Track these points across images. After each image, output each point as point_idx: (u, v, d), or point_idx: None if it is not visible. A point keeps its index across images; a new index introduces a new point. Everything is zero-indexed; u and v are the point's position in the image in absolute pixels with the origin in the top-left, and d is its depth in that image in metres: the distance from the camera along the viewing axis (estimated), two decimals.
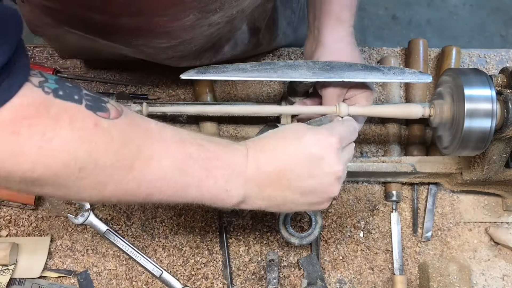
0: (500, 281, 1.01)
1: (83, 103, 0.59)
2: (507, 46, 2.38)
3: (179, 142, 0.66)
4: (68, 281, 1.00)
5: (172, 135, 0.66)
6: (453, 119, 0.82)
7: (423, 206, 1.04)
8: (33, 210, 1.03)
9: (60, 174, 0.58)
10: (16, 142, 0.54)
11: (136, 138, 0.63)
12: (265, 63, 0.84)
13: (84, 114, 0.58)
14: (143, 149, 0.63)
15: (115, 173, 0.61)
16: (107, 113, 0.60)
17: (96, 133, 0.59)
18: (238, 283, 1.00)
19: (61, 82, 0.59)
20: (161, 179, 0.65)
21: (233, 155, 0.69)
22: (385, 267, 1.02)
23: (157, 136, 0.65)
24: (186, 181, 0.66)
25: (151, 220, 1.03)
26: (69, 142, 0.57)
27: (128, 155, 0.61)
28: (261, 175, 0.69)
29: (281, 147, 0.70)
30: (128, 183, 0.63)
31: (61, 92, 0.57)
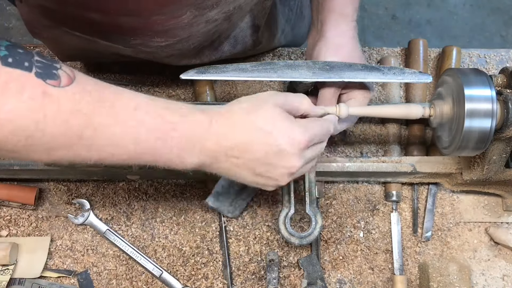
0: (500, 281, 1.01)
1: (33, 71, 0.59)
2: (507, 46, 2.39)
3: (132, 110, 0.65)
4: (68, 281, 1.00)
5: (126, 103, 0.65)
6: (453, 119, 0.82)
7: (423, 206, 1.04)
8: (33, 210, 1.03)
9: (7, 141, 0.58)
10: None
11: (85, 106, 0.62)
12: (265, 63, 0.84)
13: (33, 82, 0.58)
14: (93, 117, 0.62)
15: (64, 141, 0.61)
16: (57, 80, 0.60)
17: (44, 102, 0.59)
18: (238, 283, 1.00)
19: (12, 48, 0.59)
20: (112, 146, 0.65)
21: (192, 126, 0.68)
22: (385, 267, 1.02)
23: (108, 104, 0.64)
24: (139, 149, 0.66)
25: (151, 220, 1.03)
26: (15, 112, 0.57)
27: (77, 124, 0.61)
28: (219, 148, 0.70)
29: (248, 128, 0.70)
30: (78, 149, 0.63)
31: (11, 59, 0.58)
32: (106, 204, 1.04)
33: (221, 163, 0.71)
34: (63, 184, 1.04)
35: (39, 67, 0.59)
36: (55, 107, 0.59)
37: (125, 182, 1.05)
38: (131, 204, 1.04)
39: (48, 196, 1.04)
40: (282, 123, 0.71)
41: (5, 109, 0.56)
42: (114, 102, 0.64)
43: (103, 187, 1.04)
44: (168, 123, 0.66)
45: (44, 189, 1.04)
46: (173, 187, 1.05)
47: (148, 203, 1.04)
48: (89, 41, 0.84)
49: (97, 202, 1.04)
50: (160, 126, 0.66)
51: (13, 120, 0.57)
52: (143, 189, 1.05)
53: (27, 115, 0.58)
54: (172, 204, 1.04)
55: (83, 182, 1.04)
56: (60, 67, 0.62)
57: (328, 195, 1.04)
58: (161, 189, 1.05)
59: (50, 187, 1.04)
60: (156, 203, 1.04)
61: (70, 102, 0.61)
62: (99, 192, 1.04)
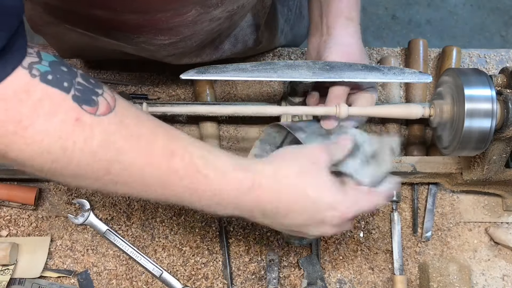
0: (500, 281, 1.01)
1: (70, 93, 0.56)
2: (507, 46, 2.38)
3: (168, 155, 0.62)
4: (68, 281, 1.00)
5: (163, 145, 0.62)
6: (453, 119, 0.82)
7: (423, 206, 1.04)
8: (33, 210, 1.03)
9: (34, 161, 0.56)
10: None
11: (119, 140, 0.59)
12: (265, 63, 0.84)
13: (67, 105, 0.55)
14: (124, 154, 0.59)
15: (91, 171, 0.59)
16: (94, 107, 0.57)
17: (75, 129, 0.56)
18: (238, 283, 1.00)
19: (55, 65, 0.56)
20: (141, 186, 0.62)
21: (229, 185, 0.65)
22: (385, 267, 1.02)
23: (144, 143, 0.61)
24: (166, 193, 0.64)
25: (151, 220, 1.03)
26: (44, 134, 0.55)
27: (106, 157, 0.58)
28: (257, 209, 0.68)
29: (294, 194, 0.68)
30: (105, 182, 0.61)
31: (50, 77, 0.55)
32: (106, 204, 1.04)
33: (256, 219, 0.70)
34: (63, 184, 1.04)
35: (78, 90, 0.56)
36: (86, 136, 0.56)
37: None
38: (131, 204, 1.04)
39: (48, 196, 1.04)
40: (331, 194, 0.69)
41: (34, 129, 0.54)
42: (151, 141, 0.61)
43: None
44: (202, 176, 0.63)
45: (44, 189, 1.04)
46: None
47: (148, 203, 1.04)
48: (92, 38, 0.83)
49: (97, 202, 1.04)
50: (193, 178, 0.63)
51: (41, 141, 0.55)
52: None
53: (55, 139, 0.55)
54: (172, 204, 1.04)
55: None
56: (101, 93, 0.59)
57: None
58: None
59: (50, 187, 1.04)
60: (156, 203, 1.04)
61: (103, 133, 0.57)
62: (99, 192, 1.04)
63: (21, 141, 0.54)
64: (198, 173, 0.63)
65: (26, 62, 0.54)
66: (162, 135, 0.63)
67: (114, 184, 0.61)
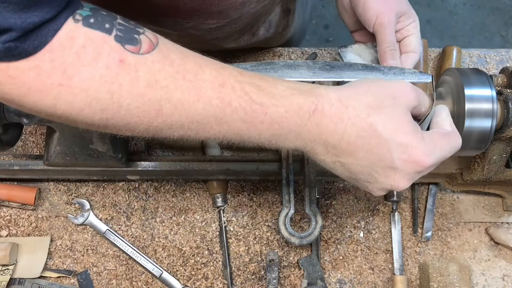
0: (500, 281, 1.01)
1: (112, 33, 0.54)
2: (507, 46, 2.39)
3: (218, 88, 0.57)
4: (68, 281, 1.00)
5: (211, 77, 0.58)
6: (453, 119, 0.82)
7: (423, 206, 1.04)
8: (33, 210, 1.03)
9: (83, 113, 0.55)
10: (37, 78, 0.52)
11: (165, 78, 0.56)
12: (265, 63, 0.84)
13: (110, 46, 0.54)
14: (174, 92, 0.56)
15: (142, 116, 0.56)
16: (137, 46, 0.55)
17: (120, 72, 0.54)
18: (238, 283, 1.00)
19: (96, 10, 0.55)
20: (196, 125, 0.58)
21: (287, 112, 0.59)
22: (385, 267, 1.02)
23: (191, 77, 0.57)
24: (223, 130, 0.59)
25: (151, 220, 1.03)
26: (90, 82, 0.53)
27: (155, 98, 0.55)
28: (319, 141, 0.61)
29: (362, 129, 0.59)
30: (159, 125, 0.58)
31: (92, 20, 0.54)
32: (106, 204, 1.03)
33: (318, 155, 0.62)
34: (63, 184, 1.04)
35: (120, 30, 0.54)
36: (132, 77, 0.54)
37: (125, 182, 1.05)
38: (131, 204, 1.04)
39: (48, 196, 1.04)
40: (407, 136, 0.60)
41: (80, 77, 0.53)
42: (198, 74, 0.57)
43: (103, 187, 1.04)
44: (257, 105, 0.58)
45: (44, 189, 1.04)
46: (173, 187, 1.05)
47: (148, 203, 1.04)
48: None
49: (97, 202, 1.03)
50: (247, 109, 0.58)
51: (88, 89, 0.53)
52: (143, 189, 1.05)
53: (102, 85, 0.53)
54: (172, 204, 1.04)
55: (83, 182, 1.04)
56: (143, 31, 0.56)
57: (328, 195, 1.04)
58: (161, 189, 1.05)
59: (50, 187, 1.04)
60: (156, 203, 1.04)
61: (148, 72, 0.55)
62: (99, 192, 1.04)
63: (68, 92, 0.53)
64: (252, 102, 0.58)
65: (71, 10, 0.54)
66: (209, 67, 0.59)
67: (168, 128, 0.58)
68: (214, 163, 0.98)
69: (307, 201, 0.92)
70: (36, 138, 1.08)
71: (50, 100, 0.54)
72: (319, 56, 1.12)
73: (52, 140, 0.92)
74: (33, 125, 1.07)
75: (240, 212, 1.03)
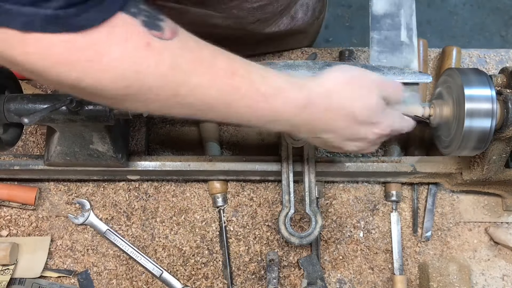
0: (500, 281, 1.01)
1: (139, 18, 0.58)
2: (507, 46, 2.38)
3: (230, 75, 0.64)
4: (68, 281, 1.00)
5: (224, 66, 0.64)
6: (453, 119, 0.82)
7: (423, 206, 1.04)
8: (33, 210, 1.03)
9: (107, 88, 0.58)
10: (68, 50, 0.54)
11: (185, 63, 0.61)
12: (265, 63, 0.84)
13: (138, 30, 0.57)
14: (191, 76, 0.61)
15: (160, 94, 0.61)
16: (161, 32, 0.59)
17: (147, 54, 0.58)
18: (238, 283, 1.00)
19: None
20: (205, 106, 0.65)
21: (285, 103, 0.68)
22: (385, 267, 1.02)
23: (207, 65, 0.63)
24: (229, 113, 0.66)
25: (151, 220, 1.03)
26: (118, 61, 0.56)
27: (175, 80, 0.61)
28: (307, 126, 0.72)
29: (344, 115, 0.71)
30: (172, 104, 0.63)
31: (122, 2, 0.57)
32: (106, 204, 1.04)
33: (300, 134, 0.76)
34: (63, 184, 1.05)
35: (145, 15, 0.58)
36: (156, 59, 0.59)
37: (125, 182, 1.05)
38: (131, 204, 1.04)
39: (48, 196, 1.04)
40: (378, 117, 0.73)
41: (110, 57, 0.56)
42: (213, 62, 0.63)
43: (103, 187, 1.04)
44: (260, 94, 0.66)
45: (44, 189, 1.04)
46: (173, 187, 1.05)
47: (148, 203, 1.04)
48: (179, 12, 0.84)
49: (97, 202, 1.04)
50: (253, 96, 0.66)
51: (116, 68, 0.56)
52: (143, 189, 1.05)
53: (130, 64, 0.57)
54: (172, 204, 1.04)
55: (83, 182, 1.05)
56: (163, 19, 0.60)
57: (328, 195, 1.05)
58: (161, 189, 1.05)
59: (50, 187, 1.04)
60: (156, 203, 1.04)
61: (171, 56, 0.60)
62: (99, 192, 1.04)
63: (97, 68, 0.56)
64: (257, 92, 0.66)
65: None
66: (222, 57, 0.65)
67: (180, 107, 0.64)
68: (214, 163, 0.98)
69: (307, 201, 0.92)
70: (37, 138, 1.08)
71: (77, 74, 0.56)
72: (319, 56, 1.12)
73: (52, 140, 0.92)
74: (33, 125, 1.07)
75: (240, 212, 1.04)
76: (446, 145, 0.85)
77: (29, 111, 0.81)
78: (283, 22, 1.01)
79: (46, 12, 0.52)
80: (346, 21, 2.41)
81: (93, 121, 0.84)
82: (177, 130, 1.09)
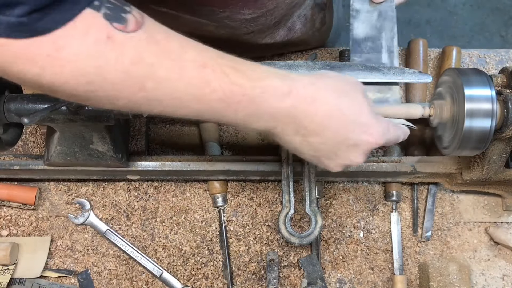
0: (500, 281, 1.01)
1: (101, 11, 0.56)
2: (507, 46, 2.38)
3: (199, 67, 0.61)
4: (68, 281, 1.00)
5: (193, 58, 0.61)
6: (453, 119, 0.82)
7: (423, 206, 1.04)
8: (33, 210, 1.03)
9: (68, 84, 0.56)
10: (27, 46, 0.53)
11: (150, 56, 0.58)
12: (265, 63, 0.84)
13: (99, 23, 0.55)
14: (157, 69, 0.59)
15: (124, 90, 0.59)
16: (124, 24, 0.57)
17: (107, 48, 0.56)
18: (238, 283, 1.00)
19: None
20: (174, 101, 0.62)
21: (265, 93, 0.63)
22: (385, 267, 1.02)
23: (174, 57, 0.60)
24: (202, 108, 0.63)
25: (151, 220, 1.03)
26: (77, 56, 0.55)
27: (139, 74, 0.58)
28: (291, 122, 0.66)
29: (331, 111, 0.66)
30: (139, 100, 0.60)
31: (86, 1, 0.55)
32: (106, 204, 1.04)
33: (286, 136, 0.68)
34: (63, 184, 1.05)
35: (108, 8, 0.56)
36: (117, 53, 0.56)
37: (125, 182, 1.05)
38: (131, 204, 1.04)
39: (48, 196, 1.04)
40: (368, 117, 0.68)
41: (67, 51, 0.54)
42: (181, 55, 0.60)
43: (103, 187, 1.04)
44: (235, 85, 0.62)
45: (44, 189, 1.04)
46: (173, 187, 1.05)
47: (148, 203, 1.04)
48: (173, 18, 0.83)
49: (97, 202, 1.04)
50: (226, 89, 0.61)
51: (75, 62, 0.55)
52: (143, 189, 1.05)
53: (89, 59, 0.55)
54: (172, 204, 1.04)
55: (83, 182, 1.05)
56: (130, 10, 0.58)
57: (328, 195, 1.05)
58: (161, 189, 1.05)
59: (50, 187, 1.04)
60: (156, 203, 1.04)
61: (133, 49, 0.57)
62: (99, 192, 1.04)
63: (56, 63, 0.55)
64: (231, 84, 0.62)
65: None
66: (192, 48, 0.62)
67: (148, 103, 0.61)
68: (214, 163, 0.98)
69: (307, 201, 0.92)
70: (37, 138, 1.08)
71: (37, 70, 0.55)
72: (319, 56, 1.12)
73: (52, 140, 0.92)
74: (33, 125, 1.07)
75: (240, 212, 1.04)
76: (446, 145, 0.85)
77: (29, 111, 0.81)
78: (279, 34, 0.98)
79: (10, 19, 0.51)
80: (346, 21, 2.41)
81: (93, 121, 0.84)
82: (177, 130, 1.09)
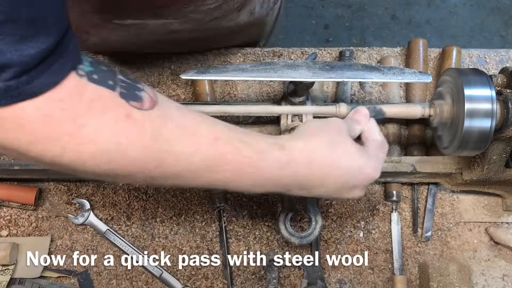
0: (500, 281, 1.01)
1: (116, 90, 0.57)
2: (507, 46, 2.38)
3: (213, 140, 0.64)
4: (68, 281, 1.00)
5: (207, 132, 0.64)
6: (453, 119, 0.82)
7: (423, 206, 1.04)
8: (33, 210, 1.03)
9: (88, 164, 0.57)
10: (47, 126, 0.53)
11: (168, 133, 0.60)
12: (265, 63, 0.84)
13: (116, 102, 0.56)
14: (174, 145, 0.61)
15: (143, 166, 0.60)
16: (140, 102, 0.58)
17: (127, 125, 0.57)
18: (238, 283, 1.00)
19: (96, 64, 0.57)
20: (191, 174, 0.64)
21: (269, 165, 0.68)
22: (385, 267, 1.02)
23: (190, 132, 0.63)
24: (213, 178, 0.65)
25: (151, 220, 1.03)
26: (99, 133, 0.55)
27: (158, 150, 0.60)
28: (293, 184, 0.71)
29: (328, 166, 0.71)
30: (155, 174, 0.62)
31: (96, 76, 0.56)
32: (106, 204, 1.04)
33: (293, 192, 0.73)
34: (63, 184, 1.05)
35: (122, 87, 0.57)
36: (138, 131, 0.58)
37: None
38: (131, 204, 1.04)
39: (48, 196, 1.04)
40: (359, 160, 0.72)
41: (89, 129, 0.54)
42: (195, 129, 0.63)
43: (103, 187, 1.04)
44: (245, 158, 0.66)
45: (44, 189, 1.04)
46: (173, 187, 1.05)
47: (148, 203, 1.04)
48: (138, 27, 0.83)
49: (97, 202, 1.04)
50: (238, 161, 0.65)
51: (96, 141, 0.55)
52: (143, 189, 1.05)
53: (110, 137, 0.56)
54: (172, 204, 1.04)
55: (83, 182, 1.04)
56: (143, 88, 0.60)
57: None
58: (161, 189, 1.05)
59: (50, 187, 1.04)
60: (156, 203, 1.04)
61: (153, 127, 0.59)
62: (99, 192, 1.04)
63: (76, 142, 0.55)
64: (242, 156, 0.65)
65: None
66: (204, 122, 0.65)
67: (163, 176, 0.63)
68: None
69: (307, 201, 0.92)
70: None
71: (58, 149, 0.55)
72: (319, 56, 1.12)
73: None
74: None
75: (240, 212, 1.04)
76: (446, 145, 0.85)
77: None
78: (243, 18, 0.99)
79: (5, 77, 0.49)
80: (346, 21, 2.41)
81: None
82: None
